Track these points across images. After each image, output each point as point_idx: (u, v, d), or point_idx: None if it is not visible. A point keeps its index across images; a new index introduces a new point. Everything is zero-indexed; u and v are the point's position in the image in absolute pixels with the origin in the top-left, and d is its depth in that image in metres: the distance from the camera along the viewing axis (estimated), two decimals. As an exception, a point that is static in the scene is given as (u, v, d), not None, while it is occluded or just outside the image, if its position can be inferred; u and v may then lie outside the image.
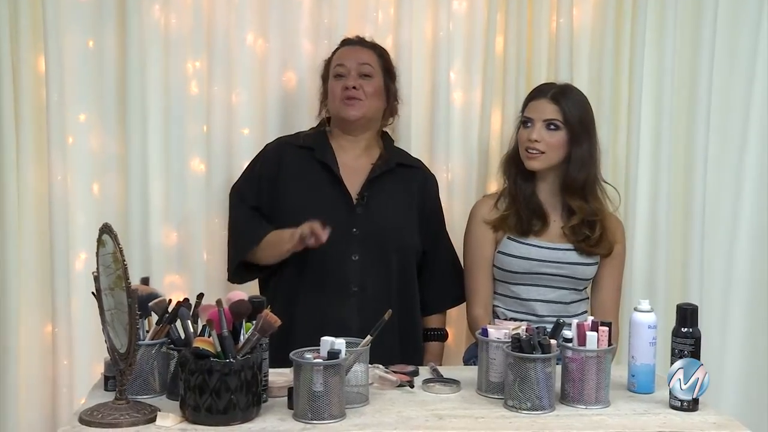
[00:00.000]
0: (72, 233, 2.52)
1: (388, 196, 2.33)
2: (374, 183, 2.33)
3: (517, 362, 1.77)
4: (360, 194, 2.31)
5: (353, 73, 2.32)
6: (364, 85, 2.32)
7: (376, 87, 2.34)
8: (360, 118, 2.33)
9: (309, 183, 2.32)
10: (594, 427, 1.71)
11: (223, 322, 1.69)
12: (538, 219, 2.33)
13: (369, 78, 2.34)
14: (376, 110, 2.37)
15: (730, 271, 2.82)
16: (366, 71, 2.34)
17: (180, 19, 2.55)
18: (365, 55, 2.36)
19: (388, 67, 2.40)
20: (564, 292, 2.34)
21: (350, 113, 2.32)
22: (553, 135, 2.30)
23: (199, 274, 2.56)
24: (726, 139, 2.78)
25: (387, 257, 2.30)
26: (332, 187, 2.31)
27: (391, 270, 2.30)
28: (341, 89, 2.32)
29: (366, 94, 2.32)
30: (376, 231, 2.28)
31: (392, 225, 2.32)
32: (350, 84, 2.31)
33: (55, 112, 2.46)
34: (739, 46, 2.76)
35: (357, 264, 2.26)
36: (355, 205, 2.29)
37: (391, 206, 2.33)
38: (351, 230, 2.23)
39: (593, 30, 2.68)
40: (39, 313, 2.52)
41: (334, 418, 1.69)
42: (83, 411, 1.71)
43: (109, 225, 1.71)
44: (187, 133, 2.57)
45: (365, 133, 2.38)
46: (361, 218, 2.28)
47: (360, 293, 2.26)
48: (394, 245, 2.31)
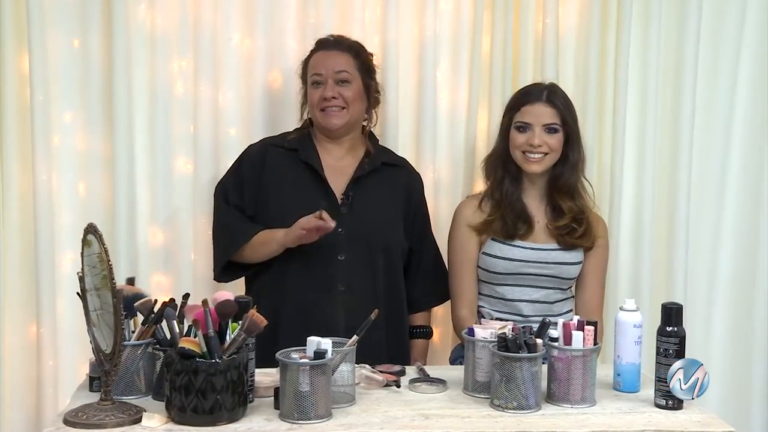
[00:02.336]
0: (57, 233, 2.51)
1: (374, 196, 2.33)
2: (359, 182, 2.32)
3: (503, 362, 1.78)
4: (345, 194, 2.31)
5: (330, 81, 2.28)
6: (342, 92, 2.29)
7: (356, 91, 2.31)
8: (342, 126, 2.32)
9: (293, 184, 2.31)
10: (579, 426, 1.72)
11: (209, 322, 1.69)
12: (523, 223, 2.33)
13: (347, 84, 2.30)
14: (357, 114, 2.35)
15: (714, 271, 2.84)
16: (343, 77, 2.30)
17: (166, 19, 2.54)
18: (341, 61, 2.31)
19: (366, 66, 2.35)
20: (549, 291, 2.35)
21: (331, 122, 2.31)
22: (553, 137, 2.31)
23: (186, 274, 2.56)
24: (710, 139, 2.80)
25: (373, 257, 2.30)
26: (317, 187, 2.30)
27: (377, 269, 2.31)
28: (319, 99, 2.30)
29: (346, 101, 2.29)
30: (362, 231, 2.28)
31: (378, 224, 2.32)
32: (328, 95, 2.28)
33: (40, 111, 2.45)
34: (723, 45, 2.78)
35: (343, 263, 2.26)
36: (340, 205, 2.29)
37: (377, 205, 2.33)
38: (336, 230, 2.24)
39: (579, 30, 2.69)
40: (24, 314, 2.51)
41: (320, 418, 1.69)
42: (68, 412, 1.71)
43: (94, 225, 1.71)
44: (173, 133, 2.57)
45: (348, 134, 2.37)
46: (347, 218, 2.28)
47: (346, 293, 2.26)
48: (380, 245, 2.31)
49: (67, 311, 2.50)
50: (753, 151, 2.81)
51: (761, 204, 2.81)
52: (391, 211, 2.36)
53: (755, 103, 2.80)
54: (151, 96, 2.54)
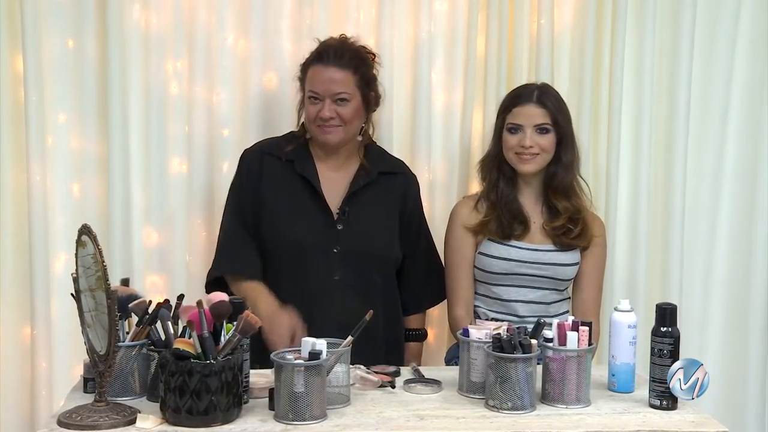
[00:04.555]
0: (51, 234, 2.50)
1: (370, 209, 2.30)
2: (354, 196, 2.29)
3: (498, 362, 1.78)
4: (341, 209, 2.27)
5: (328, 101, 2.23)
6: (340, 111, 2.24)
7: (354, 109, 2.26)
8: (338, 143, 2.29)
9: (288, 197, 2.28)
10: (574, 426, 1.72)
11: (204, 323, 1.69)
12: (519, 223, 2.33)
13: (345, 102, 2.24)
14: (355, 129, 2.31)
15: (709, 271, 2.84)
16: (341, 97, 2.24)
17: (160, 19, 2.54)
18: (339, 79, 2.23)
19: (366, 79, 2.29)
20: (545, 292, 2.35)
21: (328, 139, 2.27)
22: (545, 138, 2.31)
23: (180, 275, 2.55)
24: (705, 139, 2.80)
25: (368, 274, 2.27)
26: (313, 202, 2.27)
27: (373, 285, 2.27)
28: (315, 116, 2.25)
29: (343, 120, 2.25)
30: (357, 250, 2.25)
31: (373, 241, 2.29)
32: (326, 115, 2.22)
33: (34, 112, 2.44)
34: (718, 46, 2.78)
35: (339, 283, 2.24)
36: (335, 221, 2.26)
37: (372, 220, 2.30)
38: (332, 249, 2.22)
39: (574, 31, 2.69)
40: (17, 315, 2.50)
41: (315, 419, 1.69)
42: (62, 413, 1.70)
43: (88, 226, 1.70)
44: (168, 134, 2.56)
45: (345, 145, 2.33)
46: (342, 235, 2.25)
47: (341, 313, 2.14)
48: (375, 261, 2.29)
49: (61, 312, 2.49)
50: (748, 151, 2.82)
51: (756, 204, 2.82)
52: (387, 224, 2.33)
53: (750, 103, 2.81)
54: (146, 97, 2.54)
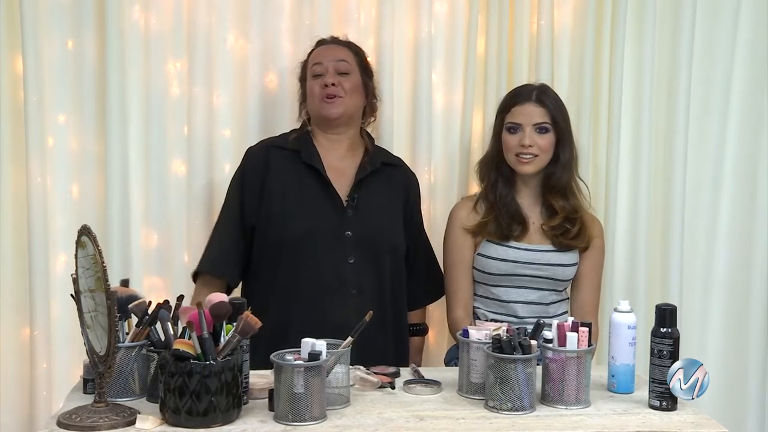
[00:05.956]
0: (51, 235, 2.50)
1: (376, 197, 2.33)
2: (362, 183, 2.33)
3: (497, 363, 1.78)
4: (350, 195, 2.30)
5: (331, 70, 2.33)
6: (342, 82, 2.33)
7: (354, 83, 2.35)
8: (341, 116, 2.33)
9: (297, 187, 2.30)
10: (574, 427, 1.72)
11: (204, 324, 1.69)
12: (518, 224, 2.34)
13: (347, 75, 2.34)
14: (356, 107, 2.37)
15: (709, 272, 2.84)
16: (343, 68, 2.34)
17: (160, 20, 2.54)
18: (341, 53, 2.36)
19: (364, 65, 2.41)
20: (544, 293, 2.35)
21: (331, 111, 2.32)
22: (544, 137, 2.31)
23: (180, 276, 2.55)
24: (705, 140, 2.81)
25: (381, 258, 2.30)
26: (321, 189, 2.30)
27: (385, 271, 2.30)
28: (320, 87, 2.32)
29: (345, 91, 2.32)
30: (369, 233, 2.28)
31: (383, 226, 2.32)
32: (329, 81, 2.31)
33: (34, 113, 2.44)
34: (718, 47, 2.79)
35: (353, 266, 2.26)
36: (345, 207, 2.29)
37: (380, 207, 2.33)
38: (344, 233, 2.24)
39: (574, 31, 2.69)
40: (17, 316, 2.50)
41: (314, 420, 1.68)
42: (62, 414, 1.70)
43: (88, 227, 1.70)
44: (167, 134, 2.56)
45: (348, 131, 2.38)
46: (353, 220, 2.28)
47: (358, 295, 2.25)
48: (386, 246, 2.32)
49: (60, 313, 2.49)
50: (748, 151, 2.82)
51: (756, 204, 2.82)
52: (393, 212, 2.37)
53: (750, 103, 2.81)
54: (145, 97, 2.54)
